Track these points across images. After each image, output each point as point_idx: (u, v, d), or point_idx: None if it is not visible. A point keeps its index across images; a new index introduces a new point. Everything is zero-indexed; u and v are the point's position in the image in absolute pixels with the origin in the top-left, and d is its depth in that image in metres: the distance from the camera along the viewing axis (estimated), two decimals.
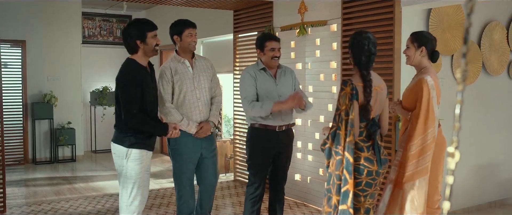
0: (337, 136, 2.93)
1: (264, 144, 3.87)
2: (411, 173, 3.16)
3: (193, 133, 3.80)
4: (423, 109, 3.17)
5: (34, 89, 8.14)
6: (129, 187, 3.34)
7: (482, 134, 5.17)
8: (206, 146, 3.91)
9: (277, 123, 3.83)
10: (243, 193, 5.99)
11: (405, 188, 3.18)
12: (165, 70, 3.81)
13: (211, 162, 3.97)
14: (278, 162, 3.98)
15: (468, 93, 5.00)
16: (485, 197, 5.30)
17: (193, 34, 3.83)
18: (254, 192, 3.94)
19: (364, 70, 3.04)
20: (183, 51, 3.87)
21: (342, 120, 2.92)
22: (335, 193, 2.93)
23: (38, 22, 8.16)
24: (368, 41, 3.05)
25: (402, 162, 3.22)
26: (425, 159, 3.16)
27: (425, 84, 3.20)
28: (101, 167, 7.97)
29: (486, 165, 5.28)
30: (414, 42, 3.40)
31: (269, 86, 3.86)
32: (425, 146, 3.15)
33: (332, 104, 5.04)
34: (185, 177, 3.87)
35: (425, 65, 3.40)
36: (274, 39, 3.88)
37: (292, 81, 3.99)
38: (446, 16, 4.69)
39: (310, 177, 5.34)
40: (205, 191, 3.99)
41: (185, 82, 3.80)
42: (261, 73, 3.87)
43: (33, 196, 5.90)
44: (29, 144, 8.17)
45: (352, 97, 2.92)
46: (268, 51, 3.83)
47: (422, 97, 3.18)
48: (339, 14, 4.87)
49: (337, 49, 4.94)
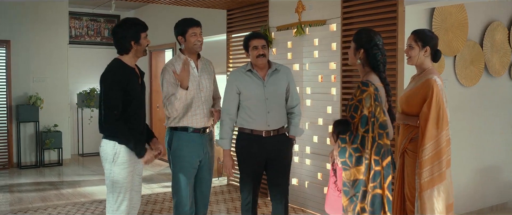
0: (363, 139, 2.71)
1: (246, 149, 3.69)
2: (427, 180, 3.00)
3: (182, 94, 3.45)
4: (433, 110, 3.01)
5: (19, 91, 7.87)
6: (115, 192, 3.20)
7: (483, 136, 5.04)
8: (206, 151, 3.71)
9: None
10: (237, 198, 5.81)
11: (423, 197, 3.02)
12: (168, 68, 3.60)
13: (208, 167, 3.78)
14: (270, 172, 3.76)
15: (470, 95, 4.88)
16: (487, 201, 5.18)
17: (198, 33, 3.62)
18: (245, 199, 3.76)
19: (382, 71, 2.85)
20: (188, 51, 3.66)
21: (371, 122, 2.70)
22: (360, 200, 2.74)
23: (23, 21, 7.90)
24: (381, 39, 2.87)
25: (418, 170, 3.05)
26: (441, 164, 3.00)
27: (435, 84, 3.04)
28: (89, 171, 7.72)
29: (488, 168, 5.16)
30: (418, 41, 3.24)
31: (256, 89, 3.65)
32: (440, 150, 2.99)
33: (331, 106, 4.88)
34: (185, 183, 3.63)
35: (428, 66, 3.25)
36: (256, 36, 3.69)
37: (286, 81, 3.74)
38: (449, 15, 4.55)
39: (308, 181, 5.17)
40: (202, 197, 3.79)
41: (190, 84, 3.57)
42: (246, 75, 3.68)
43: (18, 203, 5.64)
44: (14, 148, 7.89)
45: (376, 98, 2.71)
46: (252, 50, 3.65)
47: (432, 99, 3.02)
48: (339, 14, 4.71)
49: (336, 49, 4.78)
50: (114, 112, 3.11)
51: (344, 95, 4.70)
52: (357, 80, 4.58)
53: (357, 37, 2.91)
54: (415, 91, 3.20)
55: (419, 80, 3.24)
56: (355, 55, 2.91)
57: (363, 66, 2.90)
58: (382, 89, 2.83)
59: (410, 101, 3.24)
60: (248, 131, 3.67)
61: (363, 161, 2.72)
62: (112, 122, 3.12)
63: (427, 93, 3.07)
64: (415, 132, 3.17)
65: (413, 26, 4.19)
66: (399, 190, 3.32)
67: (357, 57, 2.90)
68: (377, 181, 2.69)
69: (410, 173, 3.18)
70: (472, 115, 4.89)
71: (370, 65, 2.86)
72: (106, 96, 3.14)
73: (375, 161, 2.69)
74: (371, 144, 2.69)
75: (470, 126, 4.86)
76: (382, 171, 2.69)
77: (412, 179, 3.15)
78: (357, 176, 2.75)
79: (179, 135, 3.63)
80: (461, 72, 4.76)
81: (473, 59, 4.85)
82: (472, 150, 4.90)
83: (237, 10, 6.21)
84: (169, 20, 8.13)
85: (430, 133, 3.00)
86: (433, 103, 3.02)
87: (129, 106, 3.18)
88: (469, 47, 4.80)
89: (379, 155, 2.68)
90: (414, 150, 3.16)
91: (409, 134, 3.22)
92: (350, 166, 2.76)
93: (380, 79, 2.84)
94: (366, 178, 2.71)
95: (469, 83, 4.85)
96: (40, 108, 7.85)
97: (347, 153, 2.78)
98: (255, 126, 3.64)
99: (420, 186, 3.02)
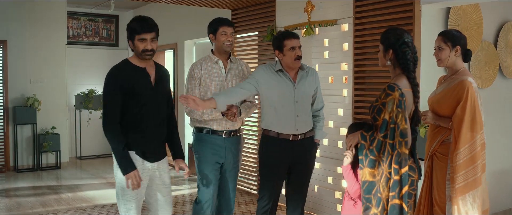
0: (385, 145, 2.60)
1: (271, 154, 3.54)
2: (462, 186, 2.88)
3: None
4: (468, 113, 2.90)
5: (16, 93, 7.67)
6: (120, 199, 3.06)
7: (496, 139, 4.93)
8: (230, 156, 3.60)
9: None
10: (243, 202, 5.67)
11: (458, 203, 2.90)
12: (194, 69, 3.56)
13: (233, 174, 3.67)
14: (292, 176, 3.62)
15: (483, 97, 4.73)
16: (499, 205, 5.07)
17: (228, 33, 3.55)
18: (263, 206, 3.59)
19: (413, 70, 2.73)
20: (218, 51, 3.61)
21: (390, 128, 2.60)
22: (375, 204, 2.62)
23: (20, 21, 7.70)
24: (410, 37, 2.75)
25: (452, 175, 2.93)
26: (476, 169, 2.89)
27: (470, 86, 2.93)
28: (88, 175, 7.53)
29: (501, 171, 5.05)
30: (447, 42, 3.14)
31: (286, 91, 3.50)
32: (475, 154, 2.88)
33: (342, 109, 4.75)
34: (206, 187, 3.55)
35: (461, 66, 3.15)
36: (293, 36, 3.51)
37: (314, 83, 3.62)
38: (465, 15, 4.44)
39: (318, 185, 5.03)
40: (226, 205, 3.70)
41: (213, 84, 3.51)
42: (276, 75, 3.52)
43: (16, 208, 5.45)
44: (11, 151, 7.69)
45: (399, 105, 2.59)
46: (288, 51, 3.45)
47: (467, 101, 2.91)
48: (351, 13, 4.58)
49: (348, 50, 4.65)
50: (108, 114, 2.96)
51: (356, 97, 4.57)
52: (371, 82, 4.46)
53: (385, 37, 2.78)
54: (448, 92, 3.10)
55: (452, 81, 3.12)
56: (384, 57, 2.78)
57: (394, 67, 2.77)
58: (410, 95, 2.71)
59: (442, 103, 3.13)
60: (274, 134, 3.51)
61: (376, 166, 2.64)
62: (105, 125, 2.96)
63: (462, 95, 2.96)
64: (447, 134, 3.06)
65: (429, 27, 4.09)
66: (427, 195, 3.20)
67: (387, 59, 2.77)
68: (395, 191, 2.61)
69: (439, 177, 3.07)
70: (486, 117, 4.73)
71: (401, 66, 2.74)
72: (103, 97, 3.02)
73: (395, 170, 2.61)
74: (391, 151, 2.60)
75: (485, 128, 4.74)
76: (400, 181, 2.61)
77: (442, 183, 3.04)
78: (367, 177, 2.68)
79: (202, 137, 3.55)
80: (476, 73, 4.65)
81: (487, 60, 4.74)
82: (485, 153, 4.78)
83: (242, 10, 6.07)
84: (169, 21, 7.97)
85: (465, 137, 2.89)
86: (468, 106, 2.92)
87: (134, 109, 2.98)
88: (484, 48, 4.70)
89: (398, 163, 2.59)
90: (444, 153, 3.05)
91: (441, 136, 3.11)
92: (363, 166, 2.69)
93: (409, 80, 2.72)
94: (382, 185, 2.61)
95: (484, 85, 4.74)
96: (37, 109, 7.66)
97: (364, 151, 2.70)
98: (283, 129, 3.49)
99: (455, 192, 2.90)
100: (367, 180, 2.68)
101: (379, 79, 4.35)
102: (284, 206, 3.93)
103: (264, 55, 5.69)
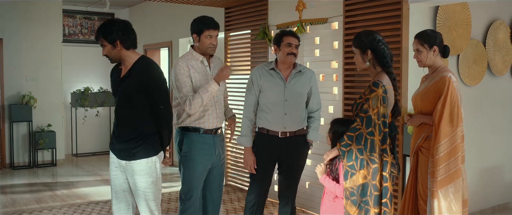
0: (371, 142, 2.65)
1: (259, 150, 3.63)
2: (444, 178, 2.97)
3: (215, 89, 3.31)
4: (447, 107, 2.99)
5: (11, 90, 7.71)
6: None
7: (485, 136, 4.99)
8: (218, 153, 3.55)
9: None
10: (236, 199, 5.72)
11: (439, 196, 2.98)
12: (182, 65, 3.41)
13: (220, 170, 3.63)
14: (282, 172, 3.70)
15: (472, 94, 4.82)
16: (488, 202, 5.13)
17: (213, 36, 3.43)
18: (250, 201, 3.67)
19: (391, 67, 2.80)
20: (200, 51, 3.50)
21: (376, 124, 2.65)
22: (373, 205, 2.66)
23: (16, 19, 7.74)
24: (380, 35, 2.83)
25: (432, 169, 3.01)
26: (457, 160, 2.99)
27: (450, 81, 3.03)
28: (84, 172, 7.59)
29: (489, 168, 5.11)
30: (424, 43, 3.25)
31: (276, 89, 3.58)
32: (455, 146, 2.97)
33: (333, 106, 4.81)
34: (196, 188, 3.47)
35: (440, 64, 3.26)
36: (293, 35, 3.60)
37: (308, 84, 3.66)
38: (453, 14, 4.49)
39: (309, 182, 5.09)
40: (212, 202, 3.63)
41: (200, 83, 3.42)
42: (269, 74, 3.60)
43: (12, 205, 5.51)
44: (6, 148, 7.74)
45: (383, 101, 2.66)
46: (284, 46, 3.54)
47: (447, 95, 3.02)
48: (341, 12, 4.64)
49: (338, 48, 4.71)
50: None
51: (346, 95, 4.63)
52: (360, 80, 4.52)
53: (359, 41, 2.83)
54: (430, 89, 3.19)
55: (433, 79, 3.22)
56: (363, 60, 2.83)
57: (374, 66, 2.83)
58: (391, 91, 2.78)
59: (425, 100, 3.22)
60: (265, 131, 3.61)
61: (365, 165, 2.67)
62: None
63: (442, 90, 3.05)
64: (431, 130, 3.16)
65: (417, 25, 4.14)
66: (412, 189, 3.29)
67: (365, 60, 2.82)
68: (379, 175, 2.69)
69: (424, 171, 3.17)
70: (475, 115, 4.83)
71: (380, 64, 2.80)
72: None
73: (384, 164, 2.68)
74: (378, 147, 2.66)
75: (473, 125, 4.81)
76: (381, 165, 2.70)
77: (426, 177, 3.14)
78: (360, 181, 2.68)
79: (190, 136, 3.45)
80: (464, 71, 4.70)
81: (476, 58, 4.80)
82: (475, 150, 4.85)
83: (236, 8, 6.12)
84: (164, 19, 8.02)
85: (445, 130, 2.98)
86: (448, 101, 3.02)
87: None
88: (472, 46, 4.75)
89: (380, 156, 2.66)
90: (428, 148, 3.15)
91: (425, 132, 3.20)
92: (356, 170, 2.69)
93: (389, 76, 2.78)
94: (377, 182, 2.66)
95: (472, 82, 4.80)
96: (33, 107, 7.70)
97: (353, 154, 2.70)
98: (272, 126, 3.58)
99: (436, 185, 2.98)
100: (360, 184, 2.68)
101: (368, 77, 4.38)
102: (277, 203, 3.99)
103: (257, 53, 5.74)
